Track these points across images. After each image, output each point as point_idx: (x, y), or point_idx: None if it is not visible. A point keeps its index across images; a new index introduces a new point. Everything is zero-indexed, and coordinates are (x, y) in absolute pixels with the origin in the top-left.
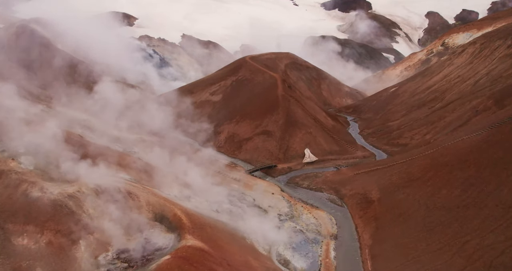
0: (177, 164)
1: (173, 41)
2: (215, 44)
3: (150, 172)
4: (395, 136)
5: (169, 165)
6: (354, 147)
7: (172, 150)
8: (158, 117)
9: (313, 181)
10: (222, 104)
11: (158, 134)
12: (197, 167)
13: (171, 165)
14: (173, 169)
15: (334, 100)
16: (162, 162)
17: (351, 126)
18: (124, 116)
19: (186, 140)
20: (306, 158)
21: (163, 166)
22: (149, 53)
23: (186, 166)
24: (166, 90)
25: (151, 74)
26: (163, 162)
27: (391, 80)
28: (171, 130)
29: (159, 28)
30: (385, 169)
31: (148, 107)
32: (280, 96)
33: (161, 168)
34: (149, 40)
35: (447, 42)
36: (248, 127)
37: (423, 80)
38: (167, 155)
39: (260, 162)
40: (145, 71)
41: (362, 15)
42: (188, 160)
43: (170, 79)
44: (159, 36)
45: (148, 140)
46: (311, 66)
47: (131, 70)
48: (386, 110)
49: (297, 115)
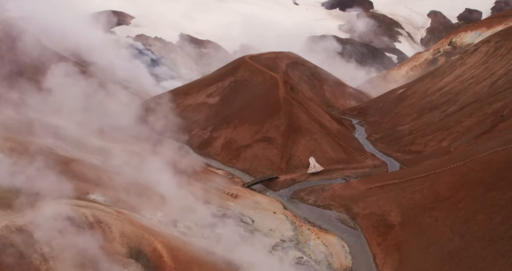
0: (165, 178)
1: (170, 41)
2: (214, 43)
3: (130, 190)
4: (407, 142)
5: (155, 181)
6: (363, 154)
7: (160, 160)
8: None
9: (320, 195)
10: (219, 107)
11: (146, 141)
12: (189, 181)
13: (157, 181)
14: (159, 186)
15: (337, 102)
16: (147, 177)
17: (357, 131)
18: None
19: (179, 146)
20: (311, 167)
21: (147, 182)
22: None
23: (175, 181)
24: (158, 90)
25: (140, 73)
26: (147, 178)
27: (396, 81)
28: (162, 136)
29: (156, 27)
30: (404, 183)
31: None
32: (281, 99)
33: (145, 184)
34: (145, 39)
35: (454, 41)
36: (247, 133)
37: (433, 81)
38: (153, 168)
39: (260, 172)
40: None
41: (363, 15)
42: (179, 173)
43: (164, 79)
44: (156, 35)
45: (132, 149)
46: (313, 66)
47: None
48: (394, 113)
49: (301, 120)
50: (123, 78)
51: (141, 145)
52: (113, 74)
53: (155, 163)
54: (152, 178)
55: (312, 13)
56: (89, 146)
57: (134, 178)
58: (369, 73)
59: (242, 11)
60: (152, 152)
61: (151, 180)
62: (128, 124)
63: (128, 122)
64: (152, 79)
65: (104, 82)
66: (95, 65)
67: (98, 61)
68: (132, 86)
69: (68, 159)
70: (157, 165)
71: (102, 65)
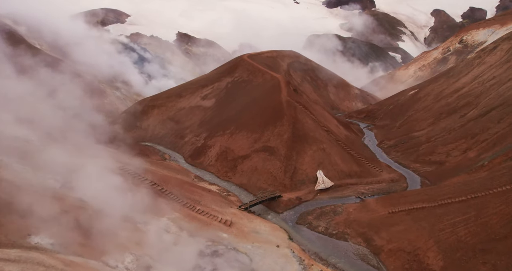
0: (140, 204)
1: (166, 39)
2: (212, 42)
3: (92, 225)
4: (425, 150)
5: (126, 209)
6: (377, 166)
7: (139, 178)
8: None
9: (332, 220)
10: (214, 111)
11: (129, 149)
12: (173, 206)
13: (130, 208)
14: (132, 215)
15: (342, 104)
16: (116, 204)
17: (366, 136)
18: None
19: (169, 155)
20: (320, 183)
21: (115, 210)
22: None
23: (154, 207)
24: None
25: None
26: (116, 204)
27: (403, 82)
28: (152, 142)
29: (153, 25)
30: (437, 209)
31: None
32: (284, 103)
33: (112, 214)
34: (140, 38)
35: (465, 39)
36: (245, 141)
37: (448, 81)
38: (127, 190)
39: (260, 188)
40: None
41: (365, 13)
42: (161, 194)
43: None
44: (152, 34)
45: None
46: (316, 66)
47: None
48: (407, 116)
49: (306, 126)
50: (115, 78)
51: (119, 156)
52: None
53: (131, 181)
54: (123, 204)
55: (313, 12)
56: (49, 161)
57: (99, 206)
58: (373, 73)
59: (242, 9)
60: (131, 165)
61: (122, 207)
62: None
63: (111, 128)
64: (145, 79)
65: (92, 83)
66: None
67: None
68: (124, 88)
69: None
70: (134, 185)
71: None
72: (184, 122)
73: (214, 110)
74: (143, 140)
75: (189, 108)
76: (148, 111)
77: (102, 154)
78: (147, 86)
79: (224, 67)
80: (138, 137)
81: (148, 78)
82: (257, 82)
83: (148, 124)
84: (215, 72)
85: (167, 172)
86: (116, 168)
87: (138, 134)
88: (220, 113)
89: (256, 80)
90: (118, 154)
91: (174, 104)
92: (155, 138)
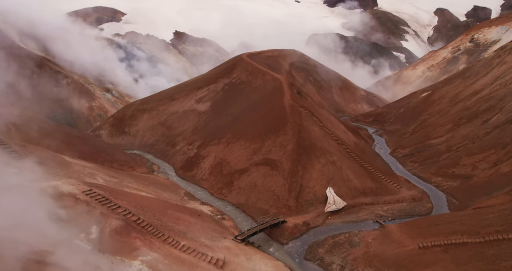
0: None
1: (163, 38)
2: (210, 41)
3: None
4: (447, 161)
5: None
6: (394, 180)
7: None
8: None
9: (348, 254)
10: (209, 116)
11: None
12: (150, 242)
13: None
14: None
15: (348, 106)
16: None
17: (377, 143)
18: None
19: (159, 164)
20: (330, 203)
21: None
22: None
23: (126, 246)
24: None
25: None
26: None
27: (411, 83)
28: (141, 150)
29: (149, 24)
30: (484, 247)
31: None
32: (287, 108)
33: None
34: (135, 37)
35: (476, 38)
36: (243, 152)
37: (465, 83)
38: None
39: (260, 210)
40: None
41: (367, 12)
42: (135, 227)
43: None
44: (148, 33)
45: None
46: (319, 66)
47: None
48: (420, 121)
49: (313, 135)
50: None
51: (94, 173)
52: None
53: (99, 211)
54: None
55: (314, 11)
56: None
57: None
58: (377, 73)
59: (241, 8)
60: (102, 187)
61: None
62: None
63: (95, 136)
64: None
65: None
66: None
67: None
68: (115, 89)
69: None
70: (101, 216)
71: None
72: (176, 128)
73: (209, 115)
74: (131, 147)
75: (182, 112)
76: (138, 116)
77: (66, 173)
78: (140, 87)
79: (221, 67)
80: (125, 144)
81: (141, 79)
82: (257, 84)
83: (137, 130)
84: (211, 73)
85: (153, 189)
86: (80, 193)
87: (126, 141)
88: (216, 119)
89: (256, 81)
90: (95, 169)
91: (166, 108)
92: (144, 145)
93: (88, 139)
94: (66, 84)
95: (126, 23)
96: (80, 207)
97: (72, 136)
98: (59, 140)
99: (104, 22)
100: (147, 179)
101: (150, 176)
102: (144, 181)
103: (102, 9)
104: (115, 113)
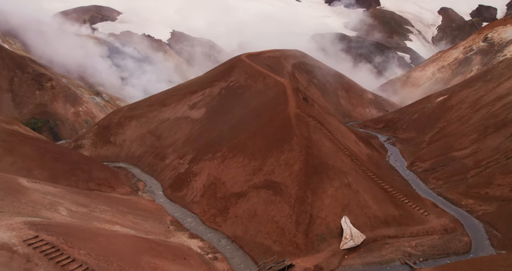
0: None
1: (159, 38)
2: (209, 41)
3: None
4: (478, 180)
5: None
6: (419, 205)
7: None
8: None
9: None
10: (204, 125)
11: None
12: None
13: None
14: None
15: (355, 111)
16: None
17: (391, 154)
18: None
19: (146, 181)
20: (347, 239)
21: None
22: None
23: None
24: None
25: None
26: None
27: (421, 85)
28: (127, 163)
29: (146, 23)
30: None
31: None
32: (293, 118)
33: None
34: (130, 36)
35: (490, 37)
36: (241, 171)
37: (486, 86)
38: None
39: (261, 246)
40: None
41: (370, 12)
42: None
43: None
44: (144, 33)
45: None
46: (324, 67)
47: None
48: (438, 129)
49: (324, 151)
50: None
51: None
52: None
53: None
54: None
55: (315, 10)
56: None
57: None
58: (381, 73)
59: (241, 7)
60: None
61: None
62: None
63: (74, 148)
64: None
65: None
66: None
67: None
68: (106, 92)
69: None
70: None
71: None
72: (167, 138)
73: (204, 124)
74: (117, 159)
75: (174, 120)
76: (125, 124)
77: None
78: (132, 90)
79: (218, 69)
80: (110, 156)
81: (134, 82)
82: (257, 89)
83: (124, 140)
84: (207, 76)
85: (131, 219)
86: (19, 243)
87: (111, 153)
88: (211, 128)
89: (256, 85)
90: (60, 196)
91: (156, 114)
92: (131, 157)
93: (63, 153)
94: (50, 87)
95: (122, 23)
96: (15, 266)
97: (44, 150)
98: (27, 156)
99: (99, 21)
100: (127, 204)
101: (132, 198)
102: (123, 206)
103: (97, 8)
104: (100, 121)
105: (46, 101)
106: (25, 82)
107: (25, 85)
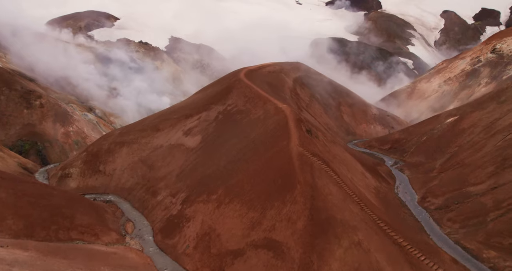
0: None
1: (157, 45)
2: (209, 48)
3: None
4: (499, 226)
5: None
6: (437, 261)
7: None
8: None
9: None
10: (199, 156)
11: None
12: None
13: None
14: None
15: (359, 128)
16: None
17: (400, 184)
18: None
19: (135, 221)
20: None
21: None
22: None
23: None
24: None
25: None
26: None
27: (426, 97)
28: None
29: (143, 29)
30: None
31: None
32: (295, 160)
33: None
34: (127, 44)
35: (499, 48)
36: (238, 222)
37: (501, 109)
38: None
39: None
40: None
41: (371, 15)
42: None
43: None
44: (141, 40)
45: None
46: (326, 80)
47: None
48: (449, 155)
49: (330, 201)
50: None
51: None
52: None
53: None
54: None
55: (316, 13)
56: None
57: None
58: (384, 81)
59: (241, 11)
60: None
61: None
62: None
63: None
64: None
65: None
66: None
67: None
68: (98, 107)
69: None
70: None
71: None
72: (160, 168)
73: (199, 155)
74: (106, 190)
75: (168, 147)
76: (115, 151)
77: None
78: (129, 105)
79: (215, 88)
80: (100, 187)
81: (129, 95)
82: (256, 115)
83: (114, 169)
84: (204, 97)
85: None
86: None
87: (100, 183)
88: (206, 161)
89: (256, 111)
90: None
91: (149, 140)
92: (121, 188)
93: (42, 195)
94: (39, 105)
95: (119, 29)
96: None
97: (20, 194)
98: (0, 201)
99: (95, 27)
100: (111, 261)
101: (118, 250)
102: (106, 265)
103: (94, 13)
104: (90, 147)
105: (35, 121)
106: (13, 101)
107: (12, 104)
